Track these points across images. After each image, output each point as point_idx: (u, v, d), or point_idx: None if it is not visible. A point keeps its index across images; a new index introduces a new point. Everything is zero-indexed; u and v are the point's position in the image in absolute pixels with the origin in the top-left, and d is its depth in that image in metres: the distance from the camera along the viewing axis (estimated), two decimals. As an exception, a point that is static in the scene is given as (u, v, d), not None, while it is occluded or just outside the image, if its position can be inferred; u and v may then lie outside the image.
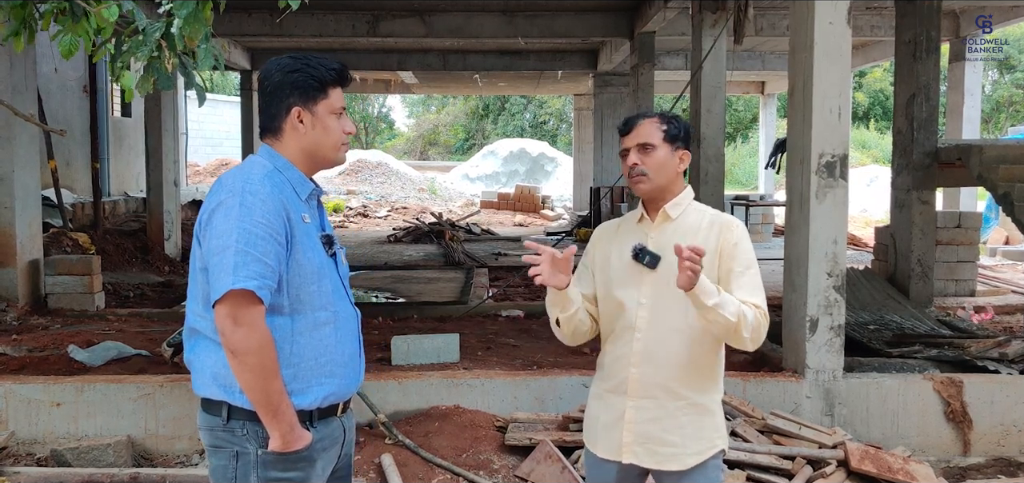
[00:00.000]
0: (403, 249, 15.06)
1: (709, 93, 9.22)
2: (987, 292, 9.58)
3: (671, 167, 2.54)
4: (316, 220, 2.30)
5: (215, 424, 2.21)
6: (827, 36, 5.09)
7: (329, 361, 2.24)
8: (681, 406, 2.50)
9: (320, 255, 2.25)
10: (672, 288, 2.45)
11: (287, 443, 2.15)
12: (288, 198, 2.20)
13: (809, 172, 5.14)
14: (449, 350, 6.06)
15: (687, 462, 2.49)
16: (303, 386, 2.20)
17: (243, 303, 2.07)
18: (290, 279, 2.17)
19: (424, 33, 12.94)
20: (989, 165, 7.15)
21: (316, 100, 2.25)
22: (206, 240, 2.15)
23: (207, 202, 2.20)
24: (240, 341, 2.07)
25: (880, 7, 12.46)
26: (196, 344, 2.25)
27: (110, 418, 4.93)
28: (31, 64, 8.07)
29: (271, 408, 2.12)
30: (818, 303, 5.13)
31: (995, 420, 5.14)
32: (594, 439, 2.62)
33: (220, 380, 2.18)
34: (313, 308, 2.21)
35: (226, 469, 2.20)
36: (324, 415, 2.27)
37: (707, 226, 2.53)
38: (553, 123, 41.16)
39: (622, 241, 2.59)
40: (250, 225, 2.09)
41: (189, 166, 23.82)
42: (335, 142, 2.29)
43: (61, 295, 8.21)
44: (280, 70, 2.25)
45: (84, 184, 13.80)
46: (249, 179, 2.16)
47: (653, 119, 2.56)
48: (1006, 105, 31.10)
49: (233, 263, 2.07)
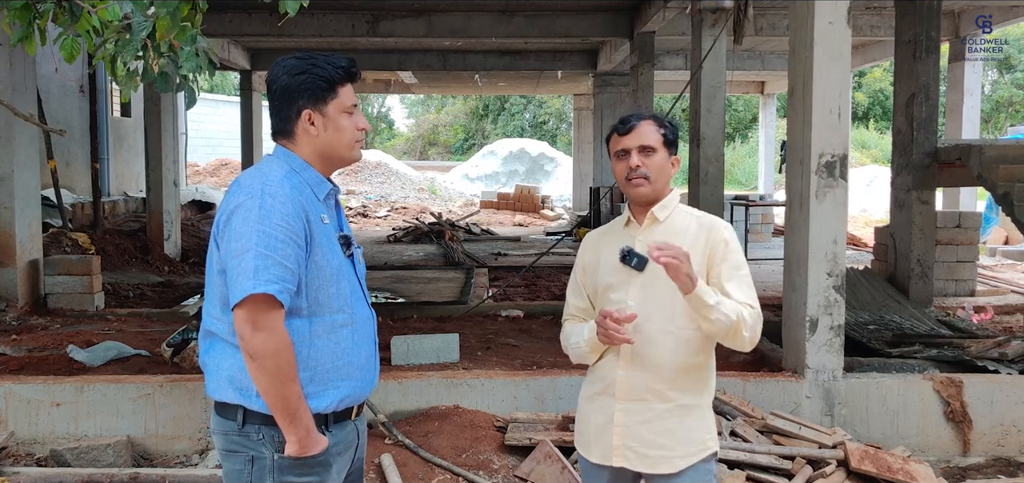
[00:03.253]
0: (403, 249, 15.06)
1: (709, 93, 9.22)
2: (987, 292, 9.57)
3: (667, 172, 2.54)
4: (334, 220, 2.28)
5: (230, 428, 2.18)
6: (827, 36, 5.09)
7: (346, 363, 2.22)
8: (670, 408, 2.48)
9: (338, 256, 2.22)
10: (660, 290, 2.45)
11: (304, 448, 2.12)
12: (307, 199, 2.16)
13: (809, 172, 5.14)
14: (449, 350, 6.06)
15: (677, 464, 2.47)
16: (320, 389, 2.17)
17: (263, 307, 2.04)
18: (309, 281, 2.14)
19: (424, 33, 12.94)
20: (989, 165, 7.14)
21: (326, 100, 2.21)
22: (224, 242, 2.11)
23: (225, 204, 2.15)
24: (259, 345, 2.04)
25: (880, 7, 12.46)
26: (212, 346, 2.21)
27: (110, 418, 4.93)
28: (31, 64, 8.07)
29: (289, 413, 2.09)
30: (818, 303, 5.13)
31: (995, 420, 5.14)
32: (587, 444, 2.61)
33: (236, 383, 2.15)
34: (331, 310, 2.18)
35: (241, 474, 2.17)
36: (339, 418, 2.24)
37: (696, 228, 2.52)
38: (553, 123, 41.16)
39: (610, 245, 2.57)
40: (270, 228, 2.06)
41: (189, 166, 23.82)
42: (349, 141, 2.26)
43: (61, 295, 8.21)
44: (287, 72, 2.21)
45: (84, 184, 13.80)
46: (268, 181, 2.13)
47: (651, 121, 2.54)
48: (1006, 105, 31.11)
49: (253, 266, 2.03)
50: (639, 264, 2.46)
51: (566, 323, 2.70)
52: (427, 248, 15.12)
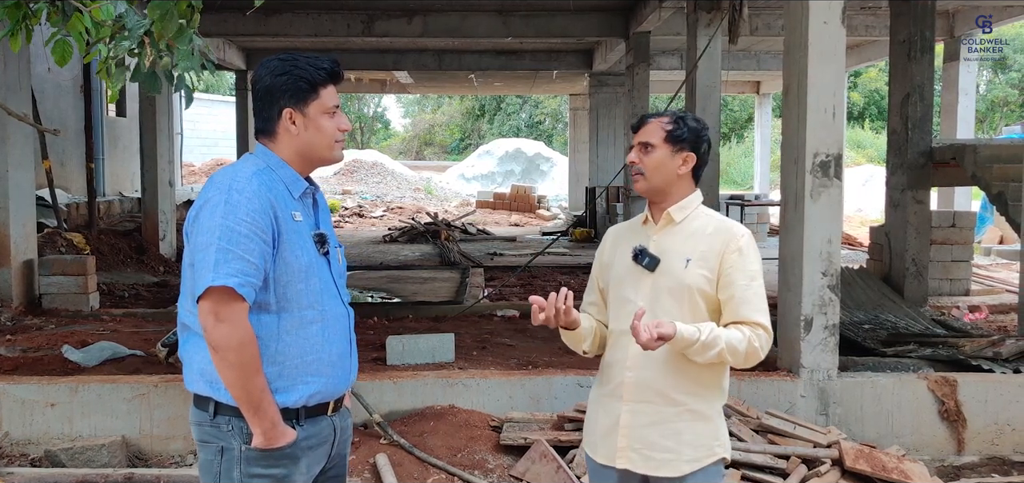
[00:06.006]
0: (399, 249, 15.05)
1: (704, 93, 9.24)
2: (981, 291, 9.60)
3: (670, 168, 2.49)
4: (310, 218, 2.30)
5: (203, 419, 2.23)
6: (821, 36, 5.10)
7: (315, 360, 2.24)
8: (679, 412, 2.45)
9: (309, 254, 2.25)
10: (670, 292, 2.45)
11: (269, 440, 2.16)
12: (278, 196, 2.20)
13: (804, 172, 5.15)
14: (444, 350, 6.05)
15: (682, 469, 2.44)
16: (288, 384, 2.21)
17: (224, 300, 2.09)
18: (277, 277, 2.18)
19: (419, 33, 12.93)
20: (983, 164, 7.17)
21: (307, 101, 2.25)
22: (193, 237, 2.18)
23: (197, 199, 2.22)
24: (221, 337, 2.09)
25: (875, 7, 12.48)
26: (187, 340, 2.27)
27: (105, 418, 4.92)
28: (25, 63, 8.05)
29: (252, 404, 2.14)
30: (813, 302, 5.14)
31: (989, 419, 5.16)
32: (593, 445, 2.59)
33: (207, 376, 2.20)
34: (300, 306, 2.22)
35: (212, 464, 2.22)
36: (312, 413, 2.27)
37: (712, 231, 2.49)
38: (549, 123, 41.16)
39: (627, 242, 2.57)
40: (234, 222, 2.11)
41: (184, 166, 23.76)
42: (329, 141, 2.29)
43: (56, 295, 8.19)
44: (270, 73, 2.25)
45: (79, 184, 13.76)
46: (236, 177, 2.18)
47: (660, 119, 2.53)
48: (1000, 105, 31.18)
49: (214, 260, 2.09)
50: (650, 264, 2.47)
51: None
52: (423, 248, 15.11)
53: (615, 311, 2.56)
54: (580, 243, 15.91)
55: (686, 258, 2.47)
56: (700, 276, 2.45)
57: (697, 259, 2.46)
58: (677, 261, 2.47)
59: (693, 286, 2.45)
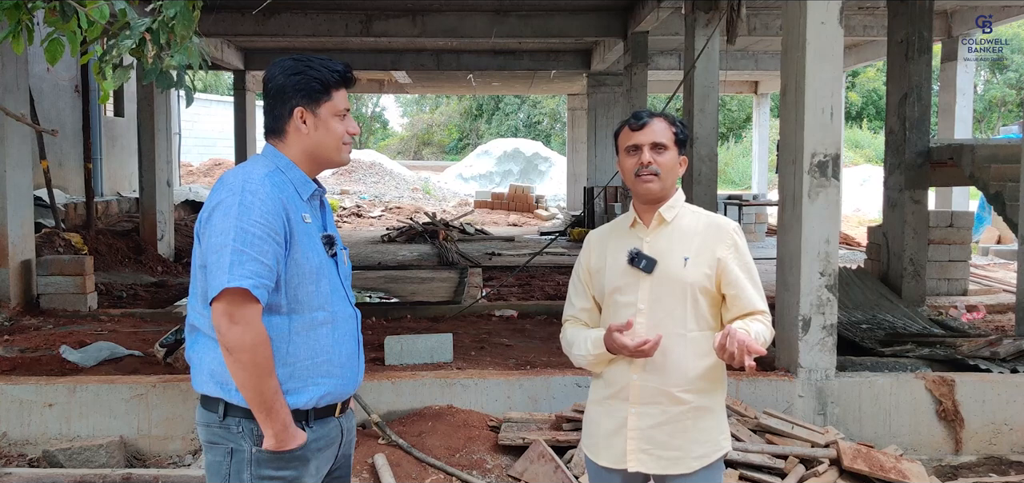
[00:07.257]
0: (397, 249, 15.05)
1: (702, 93, 9.24)
2: (979, 291, 9.61)
3: (676, 171, 2.54)
4: (318, 220, 2.31)
5: (212, 420, 2.23)
6: (819, 36, 5.10)
7: (326, 361, 2.25)
8: (685, 410, 2.48)
9: (319, 255, 2.26)
10: (669, 293, 2.46)
11: (281, 442, 2.16)
12: (289, 198, 2.21)
13: (801, 172, 5.15)
14: (443, 350, 6.06)
15: (692, 465, 2.48)
16: (299, 385, 2.22)
17: (239, 301, 2.09)
18: (288, 279, 2.19)
19: (417, 33, 12.93)
20: (981, 165, 7.18)
21: (319, 102, 2.26)
22: (205, 238, 2.17)
23: (208, 200, 2.21)
24: (235, 339, 2.09)
25: (872, 7, 12.49)
26: (195, 341, 2.27)
27: (103, 419, 4.92)
28: (23, 64, 8.05)
29: (265, 406, 2.14)
30: (811, 302, 5.14)
31: (986, 419, 5.16)
32: (596, 448, 2.59)
33: (217, 377, 2.20)
34: (310, 308, 2.23)
35: (220, 465, 2.22)
36: (321, 415, 2.28)
37: (704, 228, 2.52)
38: (547, 123, 41.17)
39: (617, 247, 2.56)
40: (248, 224, 2.11)
41: (182, 166, 23.72)
42: (337, 143, 2.30)
43: (53, 295, 8.19)
44: (283, 72, 2.26)
45: (77, 184, 13.74)
46: (249, 178, 2.18)
47: (663, 119, 2.54)
48: (998, 105, 31.22)
49: (229, 261, 2.09)
50: (647, 266, 2.47)
51: (567, 324, 2.67)
52: (421, 248, 15.11)
53: (612, 316, 2.53)
54: (578, 243, 15.86)
55: (684, 256, 2.48)
56: (701, 273, 2.47)
57: (694, 256, 2.48)
58: (675, 260, 2.48)
59: (695, 283, 2.47)
